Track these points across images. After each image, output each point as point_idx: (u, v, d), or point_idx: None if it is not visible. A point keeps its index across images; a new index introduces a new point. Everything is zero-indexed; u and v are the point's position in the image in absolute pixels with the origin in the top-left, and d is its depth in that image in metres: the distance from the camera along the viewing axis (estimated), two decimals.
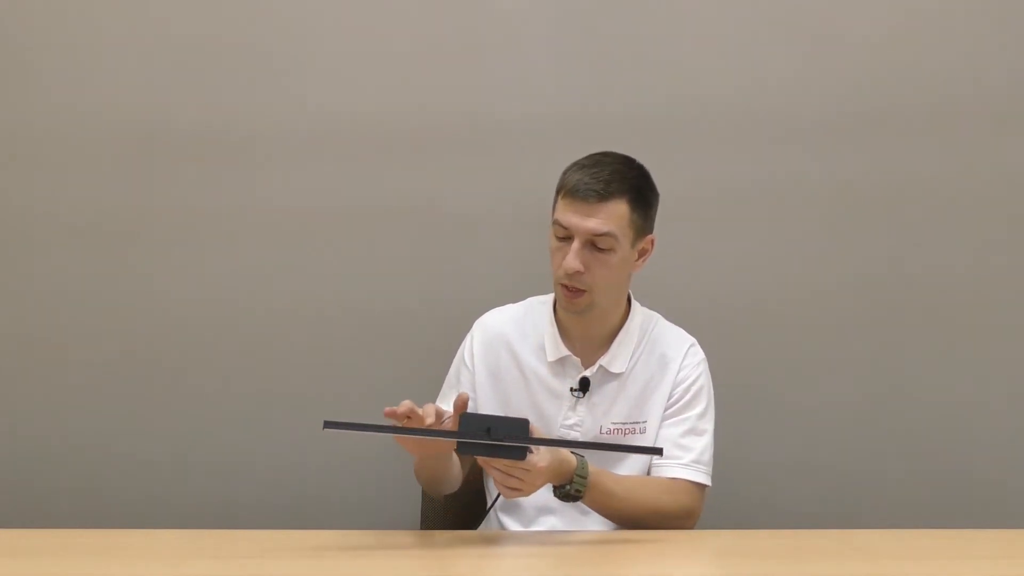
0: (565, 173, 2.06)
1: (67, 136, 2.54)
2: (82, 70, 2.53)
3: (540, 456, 1.85)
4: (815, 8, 2.54)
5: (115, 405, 2.56)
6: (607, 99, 2.54)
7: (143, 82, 2.53)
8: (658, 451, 1.98)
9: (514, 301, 2.24)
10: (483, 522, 2.21)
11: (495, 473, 1.86)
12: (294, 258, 2.56)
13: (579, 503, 1.97)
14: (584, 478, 1.93)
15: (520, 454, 1.81)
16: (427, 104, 2.54)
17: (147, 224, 2.55)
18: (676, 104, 2.54)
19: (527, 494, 1.88)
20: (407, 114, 2.54)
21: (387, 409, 1.82)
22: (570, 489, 1.93)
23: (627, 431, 2.10)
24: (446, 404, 2.12)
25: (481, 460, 1.87)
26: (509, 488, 1.85)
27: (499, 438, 1.81)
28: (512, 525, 2.13)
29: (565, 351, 2.13)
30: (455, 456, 2.07)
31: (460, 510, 2.29)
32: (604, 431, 2.10)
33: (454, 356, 2.23)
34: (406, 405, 1.82)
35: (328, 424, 1.75)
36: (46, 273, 2.55)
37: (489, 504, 2.14)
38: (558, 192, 2.06)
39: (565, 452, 1.92)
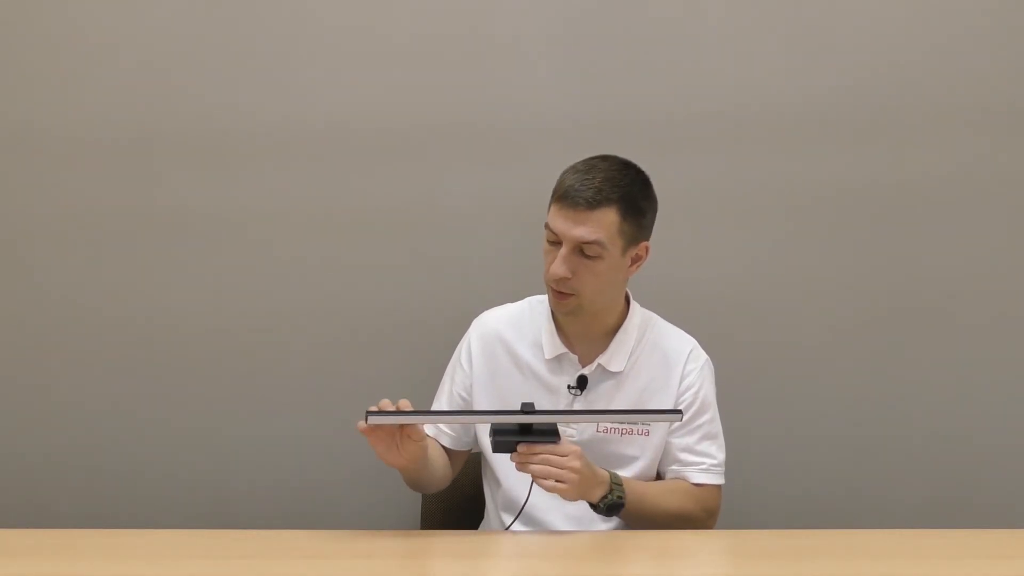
0: (561, 176, 2.05)
1: (67, 136, 2.54)
2: (81, 70, 2.54)
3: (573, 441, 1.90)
4: (814, 10, 2.54)
5: (115, 405, 2.56)
6: (606, 100, 2.53)
7: (142, 83, 2.54)
8: (678, 412, 1.96)
9: (513, 301, 2.24)
10: (483, 522, 2.21)
11: (535, 468, 1.86)
12: (293, 258, 2.56)
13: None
14: (620, 485, 1.97)
15: (553, 437, 1.85)
16: (427, 105, 2.54)
17: (146, 224, 2.55)
18: (675, 105, 2.53)
19: (570, 486, 1.87)
20: (407, 115, 2.54)
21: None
22: (612, 497, 1.95)
23: (625, 431, 2.10)
24: (438, 405, 2.18)
25: (518, 463, 1.88)
26: (554, 480, 1.86)
27: (528, 429, 1.85)
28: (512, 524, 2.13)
29: (562, 348, 2.13)
30: (435, 459, 2.08)
31: (460, 510, 2.29)
32: (600, 429, 2.10)
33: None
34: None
35: (370, 414, 1.79)
36: (46, 273, 2.55)
37: (512, 518, 2.09)
38: (552, 195, 2.05)
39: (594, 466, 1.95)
